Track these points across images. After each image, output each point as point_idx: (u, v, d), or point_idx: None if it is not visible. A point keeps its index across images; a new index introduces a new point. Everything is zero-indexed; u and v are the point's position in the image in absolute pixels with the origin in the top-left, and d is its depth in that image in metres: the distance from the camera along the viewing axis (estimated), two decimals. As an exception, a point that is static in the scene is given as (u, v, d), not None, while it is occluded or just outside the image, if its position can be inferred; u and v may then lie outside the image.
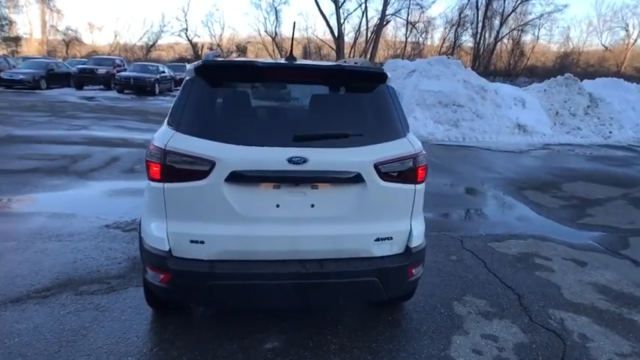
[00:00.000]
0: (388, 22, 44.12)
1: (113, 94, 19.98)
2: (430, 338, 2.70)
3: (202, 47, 52.52)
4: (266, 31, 49.81)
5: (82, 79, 20.82)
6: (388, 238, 2.38)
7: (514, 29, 42.69)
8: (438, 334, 2.75)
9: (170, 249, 2.22)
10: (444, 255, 4.00)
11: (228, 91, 2.32)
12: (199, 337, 2.58)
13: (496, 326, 2.88)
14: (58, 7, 45.38)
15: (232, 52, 52.37)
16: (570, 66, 37.35)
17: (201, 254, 2.22)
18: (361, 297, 2.43)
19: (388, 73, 2.48)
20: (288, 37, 51.35)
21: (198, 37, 53.35)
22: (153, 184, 2.20)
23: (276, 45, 49.21)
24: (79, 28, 74.35)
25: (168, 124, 2.26)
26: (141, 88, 18.84)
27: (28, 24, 53.09)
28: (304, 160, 2.16)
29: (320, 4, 43.11)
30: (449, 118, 11.75)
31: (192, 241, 2.21)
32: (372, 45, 41.56)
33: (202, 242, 2.21)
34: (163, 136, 2.21)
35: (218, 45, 52.69)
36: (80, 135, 9.02)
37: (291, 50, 2.56)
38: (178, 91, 2.37)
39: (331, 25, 40.73)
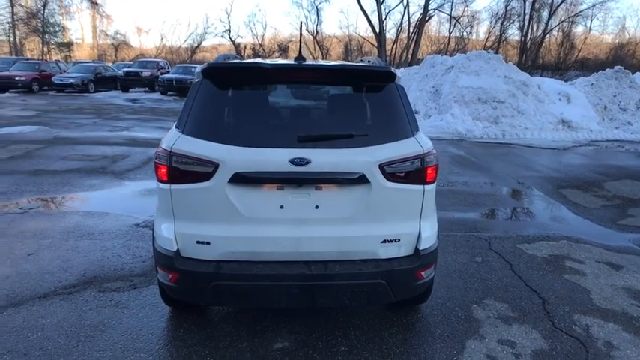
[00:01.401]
0: (431, 17, 43.23)
1: (157, 95, 20.84)
2: (444, 342, 2.62)
3: (245, 48, 53.68)
4: (307, 30, 50.14)
5: (128, 81, 21.87)
6: (395, 240, 2.33)
7: (564, 20, 40.48)
8: (452, 339, 2.66)
9: (178, 249, 2.28)
10: (468, 256, 3.87)
11: (233, 92, 2.34)
12: (211, 336, 2.63)
13: (515, 331, 2.75)
14: (107, 13, 47.82)
15: (274, 51, 53.18)
16: (625, 58, 35.00)
17: (208, 255, 2.26)
18: (368, 299, 2.39)
19: (397, 72, 2.42)
20: (329, 36, 51.54)
21: (241, 37, 54.62)
22: (161, 185, 2.27)
23: (317, 43, 49.44)
24: (128, 32, 78.06)
25: (176, 126, 2.32)
26: (182, 89, 19.50)
27: (80, 29, 56.26)
28: (307, 162, 2.15)
29: (361, 1, 42.85)
30: (488, 115, 11.34)
31: (198, 242, 2.26)
32: (414, 41, 40.85)
33: (208, 243, 2.25)
34: (170, 138, 2.27)
35: (260, 45, 53.68)
36: (122, 136, 9.46)
37: (300, 50, 2.55)
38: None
39: (372, 21, 40.42)
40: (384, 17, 40.52)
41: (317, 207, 2.24)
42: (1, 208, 4.82)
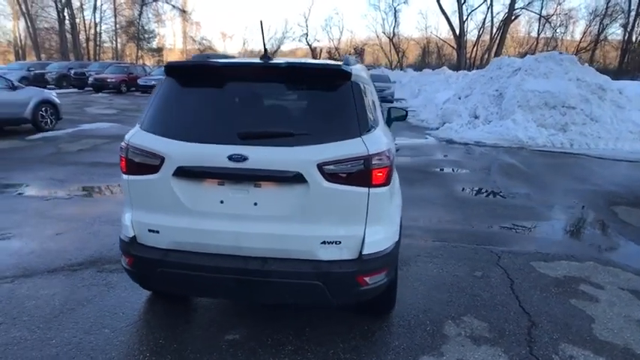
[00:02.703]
0: (517, 16, 40.73)
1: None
2: (395, 355, 2.50)
3: (321, 51, 54.80)
4: (383, 32, 49.86)
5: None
6: (336, 242, 2.28)
7: (676, 16, 35.76)
8: (406, 353, 2.53)
9: (135, 236, 2.45)
10: (468, 270, 3.63)
11: (188, 90, 2.44)
12: (173, 321, 2.78)
13: (481, 353, 2.53)
14: (196, 20, 51.68)
15: (350, 53, 53.62)
16: None
17: (158, 243, 2.40)
18: (306, 299, 2.37)
19: (351, 70, 2.36)
20: (406, 38, 50.76)
21: (318, 41, 55.77)
22: (122, 176, 2.46)
23: (394, 46, 48.90)
24: (214, 37, 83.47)
25: (138, 122, 2.50)
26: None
27: (172, 36, 61.30)
28: (244, 158, 2.19)
29: (441, 1, 41.61)
30: (555, 122, 10.40)
31: (150, 230, 2.41)
32: (496, 42, 38.76)
33: (158, 232, 2.39)
34: (130, 132, 2.45)
35: (336, 48, 54.41)
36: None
37: (265, 49, 2.60)
38: None
39: (453, 23, 39.04)
40: (465, 18, 38.92)
41: (256, 204, 2.28)
42: (53, 193, 5.48)
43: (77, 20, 37.42)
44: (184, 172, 2.28)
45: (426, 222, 4.80)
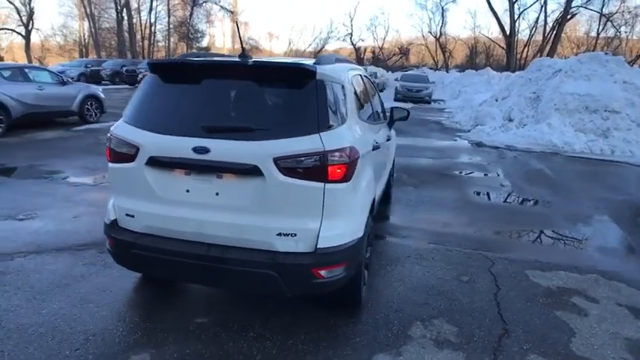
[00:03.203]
0: (573, 15, 38.53)
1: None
2: (352, 350, 2.54)
3: (365, 51, 54.55)
4: (430, 32, 48.80)
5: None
6: (292, 235, 2.35)
7: None
8: (364, 349, 2.55)
9: (115, 219, 2.65)
10: (455, 274, 3.57)
11: (165, 85, 2.60)
12: (153, 302, 2.97)
13: (441, 357, 2.51)
14: (245, 20, 53.09)
15: (394, 54, 52.95)
16: None
17: (133, 226, 2.59)
18: (262, 288, 2.46)
19: (317, 69, 2.42)
20: (453, 38, 49.41)
21: (362, 40, 55.52)
22: (108, 164, 2.66)
23: (440, 45, 47.75)
24: (261, 37, 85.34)
25: (123, 114, 2.69)
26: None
27: (222, 36, 63.37)
28: (207, 150, 2.32)
29: (491, 0, 40.18)
30: (596, 127, 9.82)
31: (127, 215, 2.60)
32: (549, 43, 36.90)
33: (133, 216, 2.58)
34: (115, 124, 2.65)
35: (381, 48, 53.98)
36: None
37: (242, 47, 2.71)
38: None
39: (503, 22, 37.60)
40: (516, 17, 37.34)
41: (217, 194, 2.40)
42: (80, 180, 5.92)
43: (134, 20, 39.63)
44: (155, 162, 2.44)
45: (427, 224, 4.74)
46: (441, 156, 8.63)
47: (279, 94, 2.48)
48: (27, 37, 37.89)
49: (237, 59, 2.52)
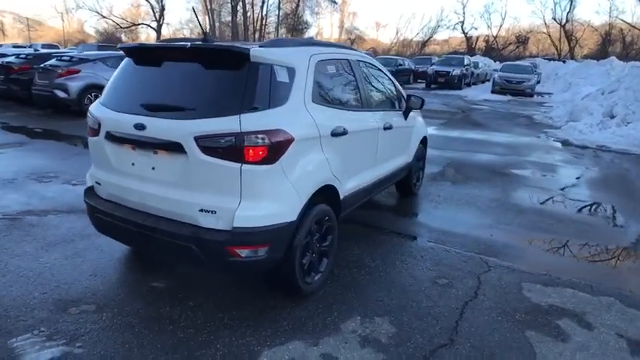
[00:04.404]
0: None
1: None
2: (272, 332, 2.53)
3: (477, 40, 51.03)
4: (554, 18, 43.66)
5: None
6: (212, 212, 2.43)
7: None
8: (283, 334, 2.53)
9: (91, 186, 3.01)
10: (434, 275, 3.30)
11: (128, 68, 2.84)
12: (128, 263, 3.31)
13: (356, 354, 2.38)
14: (353, 11, 53.31)
15: (510, 43, 48.51)
16: None
17: (101, 193, 2.91)
18: (187, 259, 2.59)
19: (250, 51, 2.43)
20: (581, 24, 43.53)
21: (475, 29, 51.99)
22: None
23: (565, 33, 42.43)
24: (368, 27, 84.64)
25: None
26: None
27: (330, 27, 64.57)
28: (144, 127, 2.50)
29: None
30: None
31: (97, 183, 2.93)
32: None
33: (100, 184, 2.90)
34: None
35: (494, 37, 50.00)
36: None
37: (204, 32, 2.83)
38: None
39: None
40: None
41: (153, 168, 2.57)
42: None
43: (248, 14, 42.46)
44: (110, 136, 2.71)
45: (439, 222, 4.41)
46: (509, 153, 7.82)
47: (214, 75, 2.55)
48: (158, 31, 43.08)
49: (180, 43, 2.65)
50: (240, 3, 41.38)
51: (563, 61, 29.67)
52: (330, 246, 3.07)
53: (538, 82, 23.05)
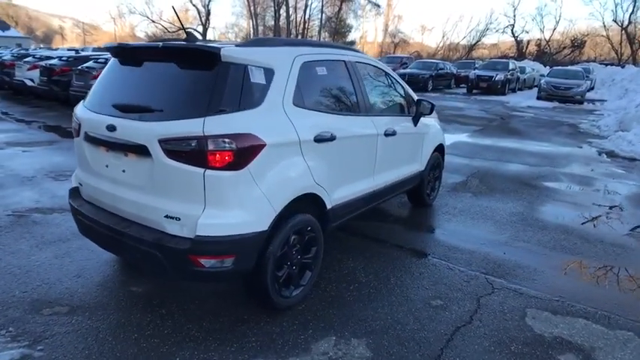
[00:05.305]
0: None
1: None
2: (237, 349, 2.39)
3: (527, 44, 48.79)
4: (614, 20, 40.85)
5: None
6: (176, 218, 2.32)
7: None
8: (249, 350, 2.38)
9: (75, 187, 3.00)
10: (429, 295, 3.04)
11: (110, 68, 2.80)
12: (116, 265, 3.27)
13: (319, 379, 2.19)
14: (398, 14, 52.72)
15: (565, 47, 45.91)
16: None
17: (83, 194, 2.90)
18: (152, 267, 2.48)
19: (221, 51, 2.31)
20: (644, 26, 40.34)
21: (527, 32, 49.62)
22: (74, 138, 3.03)
23: (628, 35, 39.56)
24: (413, 30, 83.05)
25: (88, 96, 3.01)
26: (413, 83, 19.93)
27: (374, 30, 64.15)
28: (114, 128, 2.45)
29: None
30: None
31: (79, 184, 2.92)
32: None
33: (81, 185, 2.88)
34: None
35: (547, 41, 47.59)
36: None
37: (186, 32, 2.76)
38: None
39: None
40: None
41: (124, 171, 2.51)
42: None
43: (291, 18, 42.99)
44: (87, 137, 2.68)
45: (449, 236, 4.10)
46: (544, 163, 7.27)
47: (185, 76, 2.45)
48: (204, 35, 44.44)
49: (154, 43, 2.58)
50: (284, 7, 41.94)
51: (622, 66, 27.66)
52: (314, 258, 2.89)
53: (592, 89, 21.59)
